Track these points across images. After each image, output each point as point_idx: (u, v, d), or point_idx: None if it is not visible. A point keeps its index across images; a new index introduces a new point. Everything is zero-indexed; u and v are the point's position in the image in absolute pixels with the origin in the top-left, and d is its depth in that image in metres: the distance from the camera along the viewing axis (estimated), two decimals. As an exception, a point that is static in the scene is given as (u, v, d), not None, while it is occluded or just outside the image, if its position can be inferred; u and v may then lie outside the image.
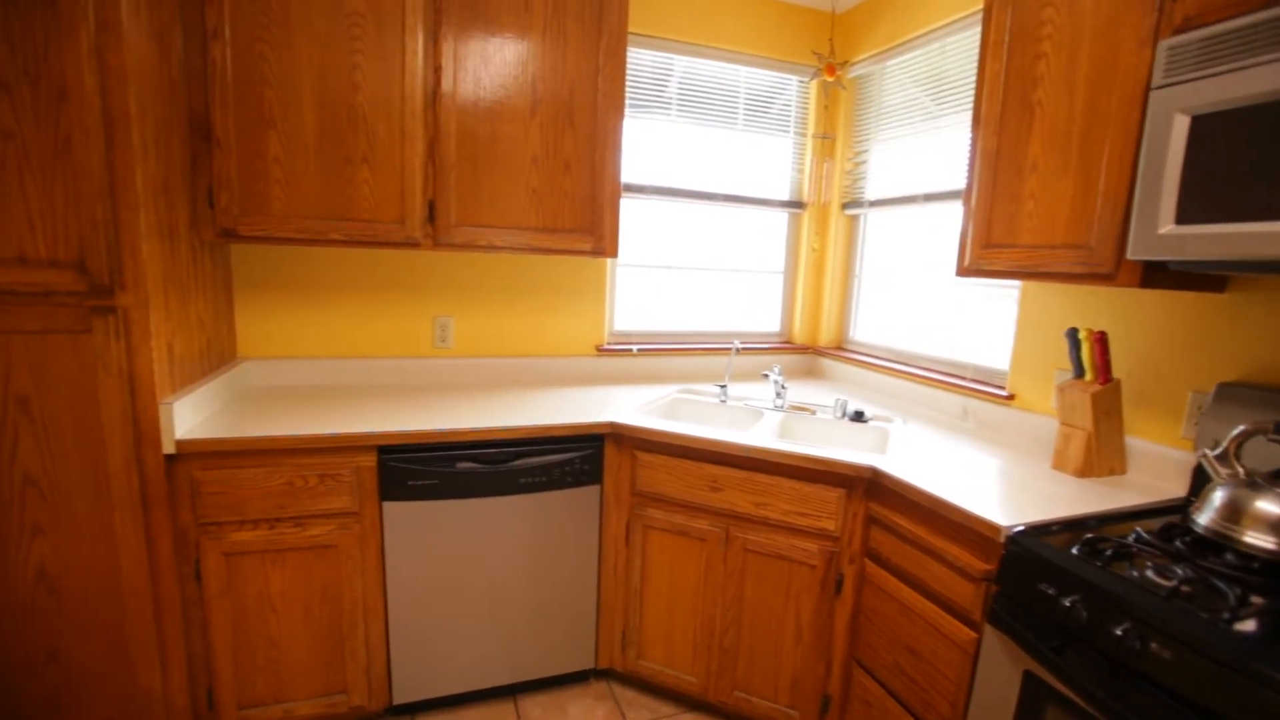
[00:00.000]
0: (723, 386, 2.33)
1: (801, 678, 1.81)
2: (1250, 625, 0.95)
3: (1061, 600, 1.13)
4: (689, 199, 2.64)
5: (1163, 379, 1.61)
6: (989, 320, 2.18)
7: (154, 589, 1.56)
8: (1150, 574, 1.09)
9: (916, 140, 2.39)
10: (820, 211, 2.84)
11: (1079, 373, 1.64)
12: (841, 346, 2.87)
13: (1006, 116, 1.61)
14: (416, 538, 1.79)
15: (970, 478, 1.57)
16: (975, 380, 2.16)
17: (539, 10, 1.95)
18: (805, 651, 1.79)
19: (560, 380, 2.51)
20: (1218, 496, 1.19)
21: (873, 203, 2.62)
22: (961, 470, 1.63)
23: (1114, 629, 1.03)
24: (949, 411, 2.20)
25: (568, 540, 1.96)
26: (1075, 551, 1.18)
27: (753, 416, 2.21)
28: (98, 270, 1.41)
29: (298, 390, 2.13)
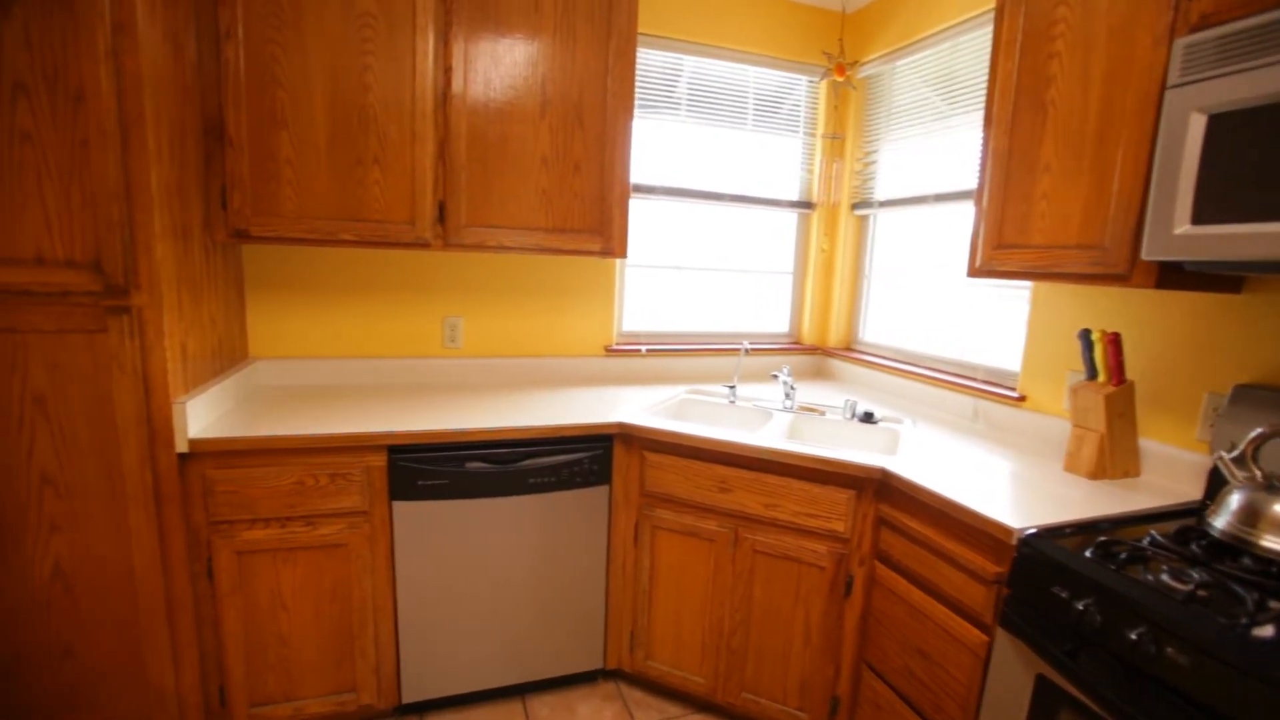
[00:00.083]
0: (731, 387, 2.33)
1: (810, 680, 1.80)
2: (1268, 630, 0.94)
3: (1075, 603, 1.12)
4: (698, 199, 2.64)
5: (1177, 380, 1.59)
6: (1000, 321, 2.16)
7: (167, 586, 1.58)
8: (1165, 578, 1.07)
9: (927, 140, 2.38)
10: (829, 212, 2.83)
11: (1092, 374, 1.63)
12: (850, 347, 2.86)
13: (1019, 116, 1.60)
14: (426, 537, 1.80)
15: (981, 479, 1.56)
16: (986, 381, 2.15)
17: (549, 11, 1.96)
18: (814, 653, 1.79)
19: (569, 380, 2.51)
20: (1235, 500, 1.17)
21: (882, 203, 2.61)
22: (972, 472, 1.62)
23: (1129, 633, 1.02)
24: (959, 413, 2.19)
25: (576, 540, 1.97)
26: (1089, 554, 1.17)
27: (762, 417, 2.20)
28: (113, 270, 1.43)
29: (308, 390, 2.14)
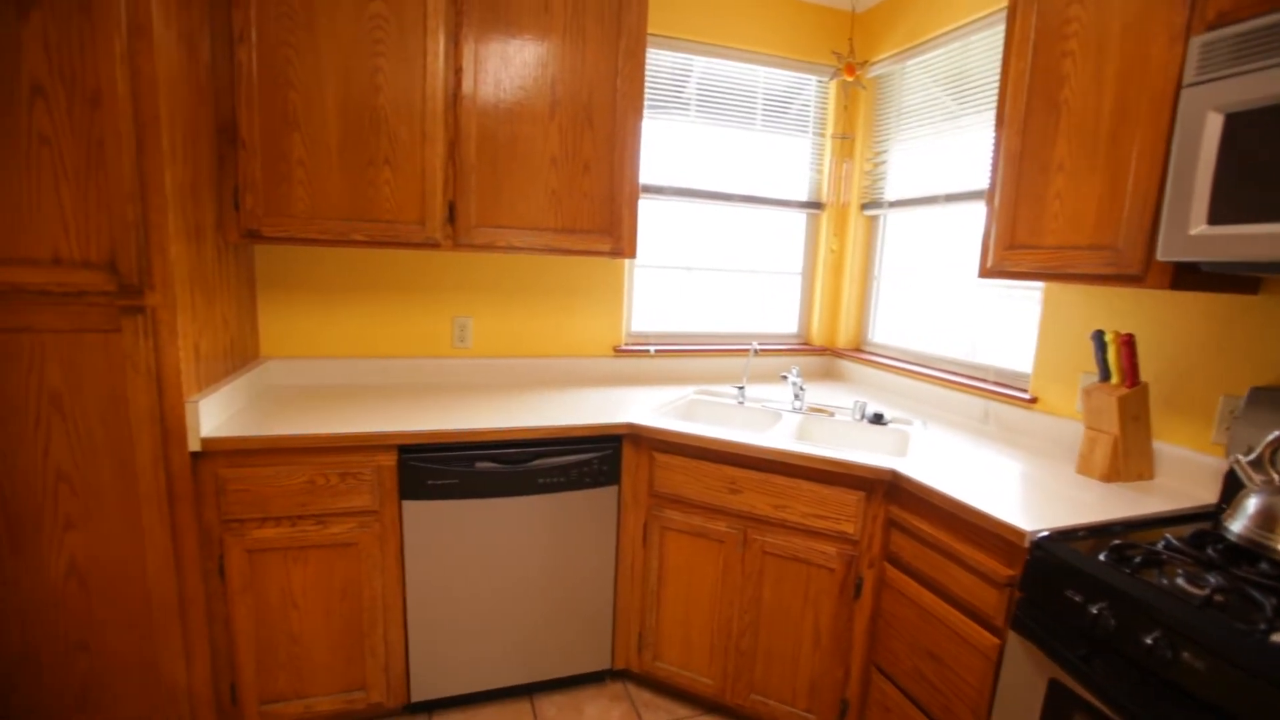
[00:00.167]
0: (740, 388, 2.32)
1: (819, 682, 1.80)
2: (1287, 636, 0.92)
3: (1089, 607, 1.11)
4: (707, 200, 2.63)
5: (1192, 382, 1.57)
6: (1010, 322, 2.15)
7: (179, 584, 1.59)
8: (1181, 582, 1.06)
9: (937, 140, 2.37)
10: (839, 212, 2.82)
11: (1105, 376, 1.61)
12: (860, 348, 2.85)
13: (1031, 116, 1.59)
14: (435, 537, 1.81)
15: (993, 481, 1.55)
16: (997, 383, 2.13)
17: (559, 12, 1.96)
18: (823, 655, 1.78)
19: (578, 381, 2.51)
20: (1252, 503, 1.16)
21: (892, 203, 2.60)
22: (983, 474, 1.61)
23: (1144, 638, 1.01)
24: (970, 414, 2.18)
25: (585, 541, 1.97)
26: (1103, 558, 1.16)
27: (771, 418, 2.20)
28: (128, 271, 1.44)
29: (319, 389, 2.15)
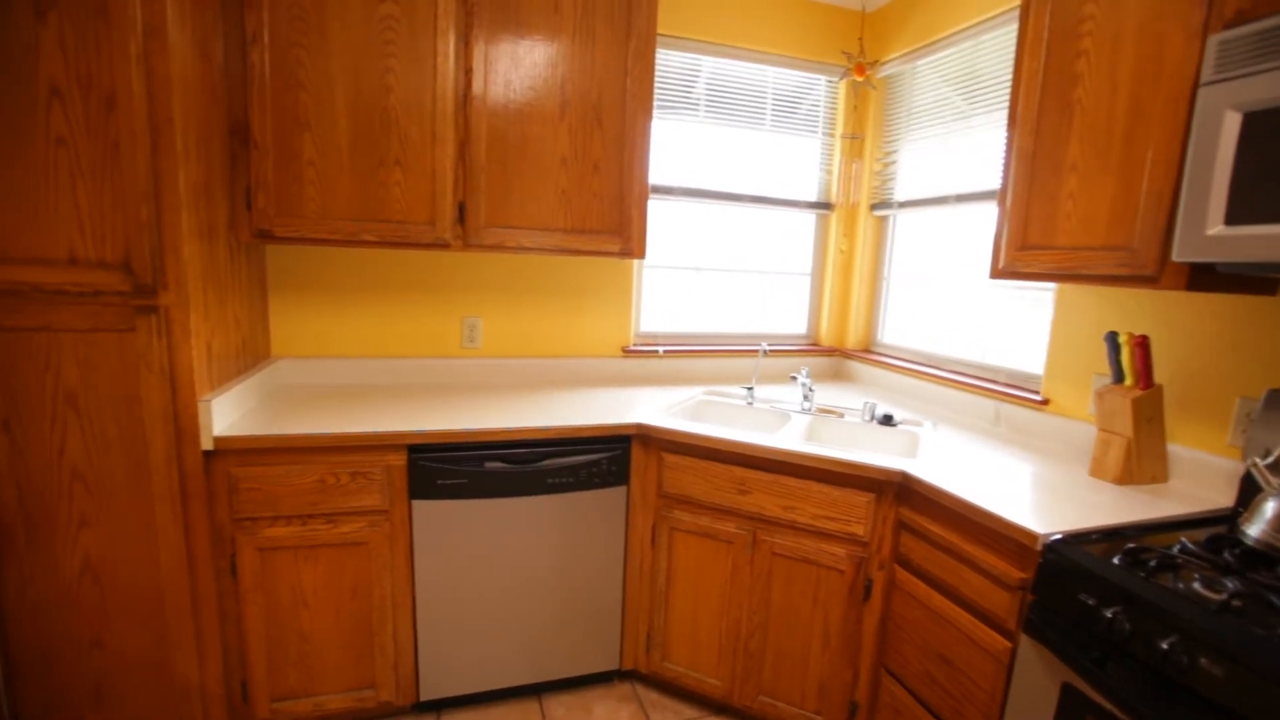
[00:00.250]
0: (749, 388, 2.32)
1: (828, 684, 1.79)
2: (1306, 642, 0.91)
3: (1103, 611, 1.10)
4: (716, 200, 2.63)
5: (1208, 384, 1.56)
6: (1022, 323, 2.13)
7: (191, 582, 1.60)
8: (1198, 586, 1.05)
9: (948, 140, 2.35)
10: (848, 212, 2.81)
11: (1118, 378, 1.60)
12: (869, 349, 2.84)
13: (1044, 116, 1.58)
14: (445, 536, 1.81)
15: (1004, 484, 1.54)
16: (1008, 384, 2.12)
17: (569, 12, 1.96)
18: (833, 657, 1.77)
19: (587, 381, 2.51)
20: (1270, 507, 1.15)
21: (902, 204, 2.59)
22: (995, 476, 1.59)
23: (1159, 642, 1.00)
24: (980, 416, 2.16)
25: (594, 541, 1.97)
26: (1117, 561, 1.15)
27: (780, 419, 2.19)
28: (142, 270, 1.46)
29: (329, 389, 2.16)
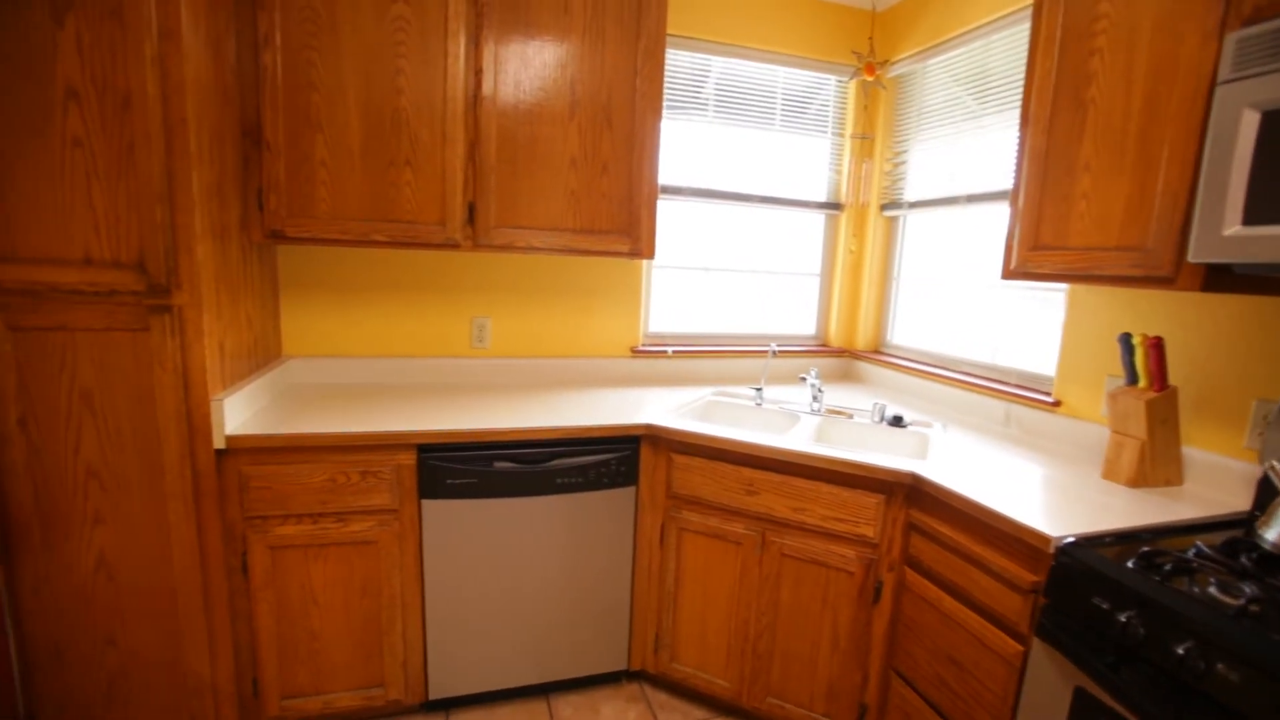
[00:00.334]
0: (758, 389, 2.31)
1: (837, 686, 1.78)
2: (1325, 648, 0.90)
3: (1117, 615, 1.09)
4: (725, 200, 2.62)
5: (1224, 386, 1.54)
6: (1033, 324, 2.12)
7: (204, 579, 1.62)
8: (1214, 591, 1.04)
9: (959, 140, 2.34)
10: (858, 213, 2.80)
11: (1132, 379, 1.58)
12: (879, 350, 2.83)
13: (1057, 115, 1.56)
14: (454, 536, 1.82)
15: (1015, 486, 1.53)
16: (1019, 386, 2.10)
17: (578, 13, 1.96)
18: (842, 659, 1.76)
19: (595, 381, 2.52)
20: (1287, 511, 1.13)
21: (912, 204, 2.57)
22: (1006, 478, 1.58)
23: (1175, 648, 0.99)
24: (991, 417, 2.15)
25: (603, 541, 1.97)
26: (1131, 565, 1.14)
27: (789, 420, 2.18)
28: (156, 270, 1.47)
29: (339, 388, 2.18)
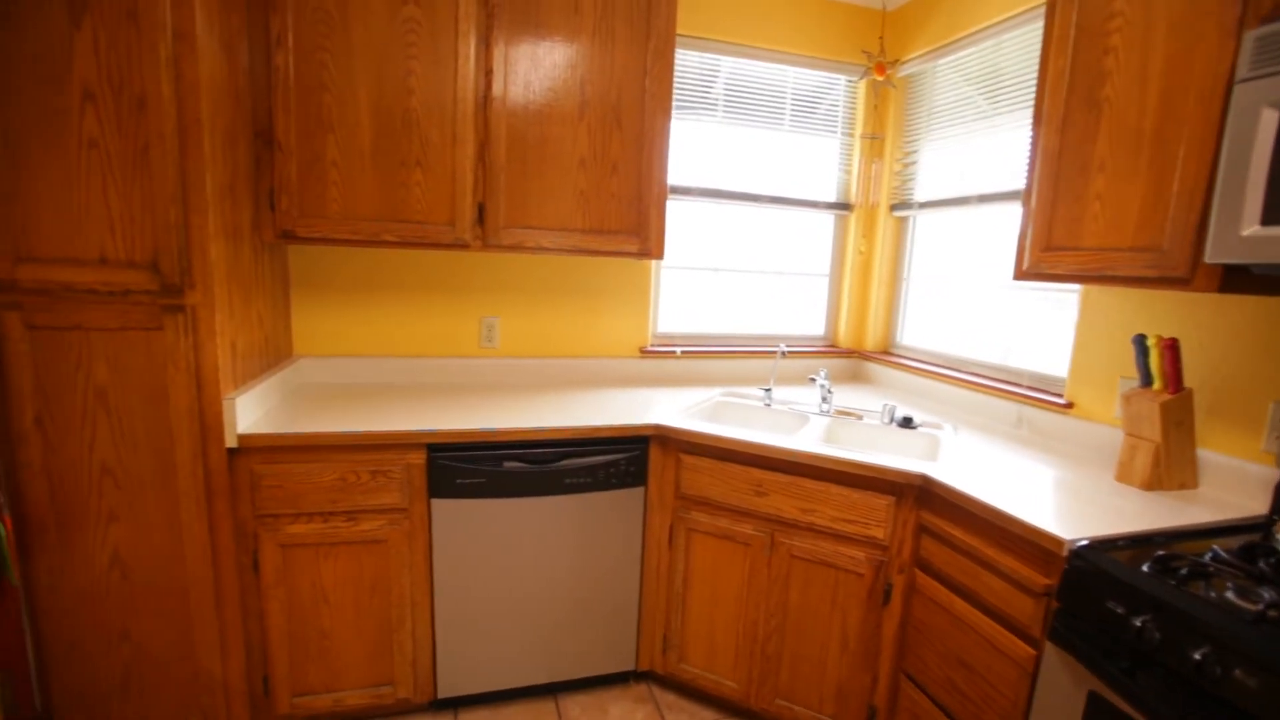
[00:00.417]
0: (767, 390, 2.31)
1: (846, 688, 1.77)
2: (1346, 654, 0.89)
3: (1131, 619, 1.07)
4: (734, 200, 2.62)
5: (1241, 389, 1.52)
6: (1044, 325, 2.10)
7: (215, 577, 1.63)
8: (1231, 596, 1.03)
9: (970, 140, 2.32)
10: (868, 213, 2.79)
11: (1146, 381, 1.57)
12: (888, 351, 2.81)
13: (1070, 114, 1.55)
14: (463, 535, 1.82)
15: (1027, 488, 1.51)
16: (1030, 387, 2.08)
17: (588, 13, 1.96)
18: (851, 661, 1.76)
19: (604, 381, 2.52)
20: (1306, 515, 1.12)
21: (923, 204, 2.56)
22: (1018, 480, 1.57)
23: (1192, 653, 0.98)
24: (1002, 419, 2.13)
25: (611, 542, 1.97)
26: (1146, 569, 1.12)
27: (798, 421, 2.18)
28: (169, 270, 1.48)
29: (349, 388, 2.19)
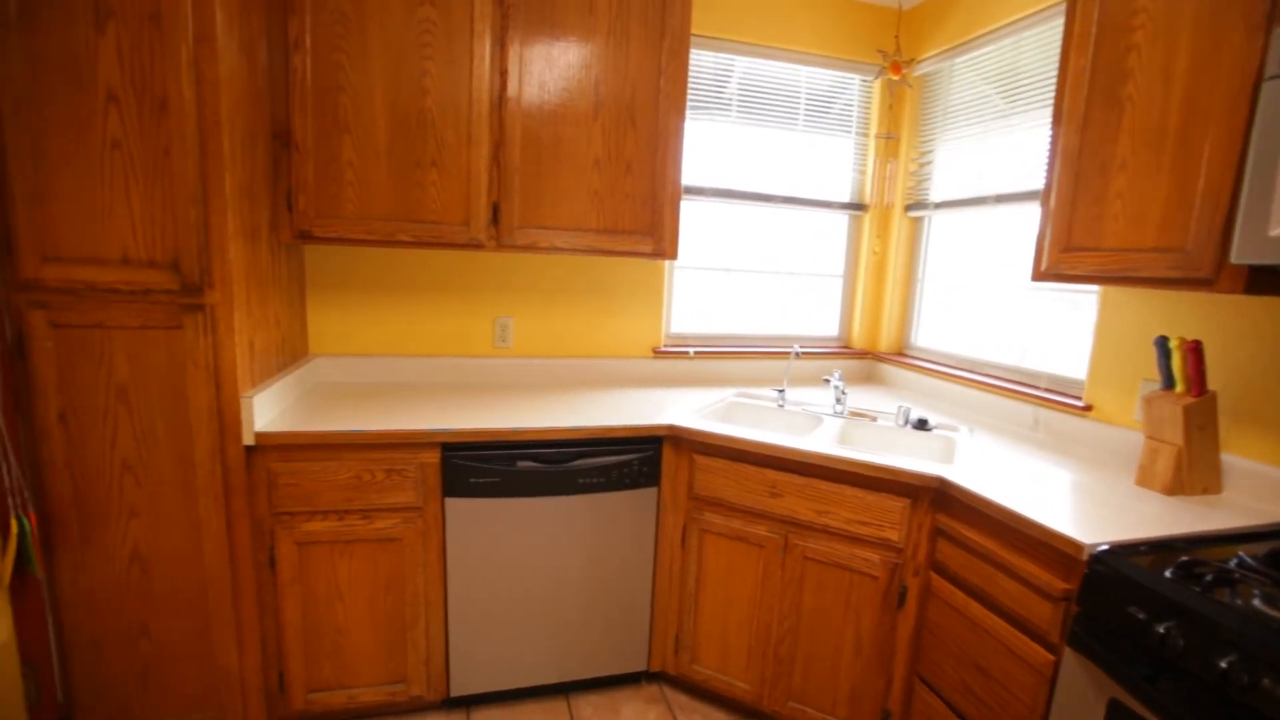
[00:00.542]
0: (780, 391, 2.30)
1: (860, 691, 1.76)
2: (1377, 664, 0.87)
3: (1154, 626, 1.06)
4: (748, 200, 2.61)
5: (1267, 392, 1.49)
6: (1062, 326, 2.07)
7: (233, 573, 1.65)
8: (1258, 603, 1.01)
9: (986, 140, 2.30)
10: (882, 213, 2.77)
11: (1168, 384, 1.54)
12: (903, 352, 2.79)
13: (1091, 113, 1.53)
14: (477, 534, 1.83)
15: (1045, 491, 1.50)
16: (1048, 389, 2.06)
17: (603, 13, 1.97)
18: (865, 664, 1.74)
19: (617, 381, 2.52)
20: (1334, 521, 1.10)
21: (938, 204, 2.54)
22: (1035, 483, 1.55)
23: (1218, 661, 0.96)
24: (1019, 422, 2.11)
25: (624, 542, 1.97)
26: (1169, 574, 1.11)
27: (811, 422, 2.17)
28: (189, 270, 1.50)
29: (364, 387, 2.20)
